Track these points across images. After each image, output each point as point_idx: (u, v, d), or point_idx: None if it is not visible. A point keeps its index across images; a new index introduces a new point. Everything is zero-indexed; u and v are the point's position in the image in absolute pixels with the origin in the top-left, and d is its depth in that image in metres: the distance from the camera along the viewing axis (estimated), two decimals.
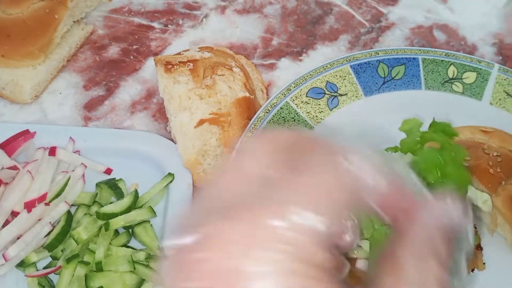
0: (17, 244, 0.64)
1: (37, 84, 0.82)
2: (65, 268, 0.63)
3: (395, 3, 0.97)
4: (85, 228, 0.65)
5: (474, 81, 0.80)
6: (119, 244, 0.67)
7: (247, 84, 0.75)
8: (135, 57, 0.89)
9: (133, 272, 0.64)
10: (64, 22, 0.83)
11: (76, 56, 0.89)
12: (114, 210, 0.67)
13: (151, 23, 0.94)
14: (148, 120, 0.82)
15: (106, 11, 0.95)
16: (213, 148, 0.71)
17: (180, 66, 0.74)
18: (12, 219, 0.66)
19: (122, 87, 0.86)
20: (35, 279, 0.64)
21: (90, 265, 0.64)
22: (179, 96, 0.72)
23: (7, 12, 0.80)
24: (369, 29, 0.94)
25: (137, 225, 0.68)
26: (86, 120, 0.82)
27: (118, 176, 0.73)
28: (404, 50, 0.82)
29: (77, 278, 0.63)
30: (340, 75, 0.79)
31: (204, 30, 0.93)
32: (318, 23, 0.94)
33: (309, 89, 0.78)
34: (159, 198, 0.71)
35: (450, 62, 0.81)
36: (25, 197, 0.67)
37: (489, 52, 0.91)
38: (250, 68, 0.83)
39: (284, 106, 0.75)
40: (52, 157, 0.71)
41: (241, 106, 0.72)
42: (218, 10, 0.95)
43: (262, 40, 0.92)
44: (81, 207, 0.70)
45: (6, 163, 0.70)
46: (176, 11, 0.95)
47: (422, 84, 0.80)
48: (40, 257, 0.65)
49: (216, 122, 0.71)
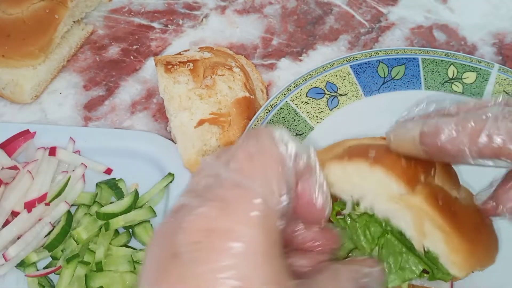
0: (17, 244, 0.64)
1: (37, 84, 0.82)
2: (65, 268, 0.63)
3: (395, 3, 0.97)
4: (85, 228, 0.65)
5: (474, 81, 0.80)
6: (119, 244, 0.67)
7: (247, 84, 0.75)
8: (135, 57, 0.89)
9: (133, 272, 0.64)
10: (64, 22, 0.83)
11: (76, 56, 0.89)
12: (114, 210, 0.67)
13: (151, 23, 0.94)
14: (148, 120, 0.82)
15: (106, 11, 0.95)
16: (213, 148, 0.71)
17: (180, 66, 0.74)
18: (12, 219, 0.66)
19: (122, 87, 0.86)
20: (35, 279, 0.64)
21: (90, 265, 0.64)
22: (179, 96, 0.72)
23: (7, 12, 0.80)
24: (369, 29, 0.94)
25: (137, 225, 0.68)
26: (86, 120, 0.82)
27: (118, 176, 0.73)
28: (404, 50, 0.82)
29: (77, 278, 0.63)
30: (340, 75, 0.79)
31: (204, 30, 0.93)
32: (318, 23, 0.94)
33: (309, 89, 0.78)
34: (159, 198, 0.71)
35: (450, 62, 0.81)
36: (25, 197, 0.67)
37: (489, 52, 0.91)
38: (250, 68, 0.83)
39: (284, 106, 0.76)
40: (52, 157, 0.71)
41: (241, 106, 0.72)
42: (218, 10, 0.95)
43: (262, 40, 0.92)
44: (81, 207, 0.70)
45: (6, 163, 0.70)
46: (176, 11, 0.95)
47: (422, 84, 0.80)
48: (40, 257, 0.65)
49: (216, 122, 0.71)
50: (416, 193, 0.45)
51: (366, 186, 0.48)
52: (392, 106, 0.78)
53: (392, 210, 0.47)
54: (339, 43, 0.92)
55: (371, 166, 0.46)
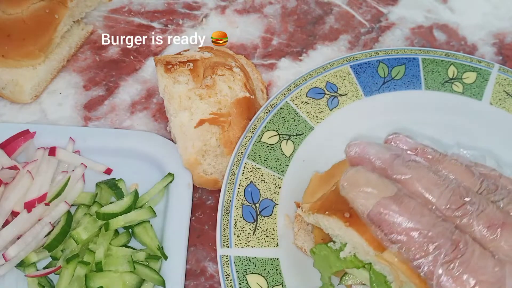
0: (17, 244, 0.64)
1: (37, 84, 0.82)
2: (65, 268, 0.63)
3: (395, 3, 0.97)
4: (85, 228, 0.65)
5: (474, 81, 0.80)
6: (119, 244, 0.67)
7: (247, 84, 0.75)
8: (135, 57, 0.89)
9: (133, 272, 0.64)
10: (64, 22, 0.83)
11: (76, 56, 0.89)
12: (114, 210, 0.67)
13: (151, 23, 0.94)
14: (148, 120, 0.82)
15: (106, 11, 0.95)
16: (213, 148, 0.71)
17: (180, 66, 0.74)
18: (12, 219, 0.66)
19: (122, 87, 0.86)
20: (35, 279, 0.64)
21: (90, 265, 0.64)
22: (179, 96, 0.72)
23: (7, 12, 0.80)
24: (369, 29, 0.94)
25: (137, 225, 0.68)
26: (86, 120, 0.82)
27: (118, 176, 0.73)
28: (404, 50, 0.82)
29: (77, 278, 0.63)
30: (340, 75, 0.79)
31: (204, 30, 0.93)
32: (318, 23, 0.94)
33: (309, 89, 0.78)
34: (159, 198, 0.71)
35: (450, 62, 0.81)
36: (25, 197, 0.67)
37: (489, 52, 0.91)
38: (250, 68, 0.83)
39: (284, 106, 0.75)
40: (52, 157, 0.71)
41: (241, 106, 0.72)
42: (218, 10, 0.95)
43: (262, 40, 0.92)
44: (81, 207, 0.70)
45: (6, 163, 0.70)
46: (176, 11, 0.95)
47: (422, 84, 0.80)
48: (40, 257, 0.65)
49: (216, 122, 0.71)
50: (386, 252, 0.49)
51: (346, 238, 0.54)
52: (392, 106, 0.79)
53: (371, 259, 0.53)
54: (339, 43, 0.92)
55: (347, 226, 0.52)
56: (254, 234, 0.65)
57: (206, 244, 0.70)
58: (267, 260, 0.64)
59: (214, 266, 0.69)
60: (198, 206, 0.73)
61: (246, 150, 0.71)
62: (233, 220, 0.65)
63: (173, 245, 0.66)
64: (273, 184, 0.69)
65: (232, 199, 0.67)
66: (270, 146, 0.72)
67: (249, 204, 0.67)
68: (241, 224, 0.65)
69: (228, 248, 0.63)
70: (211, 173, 0.71)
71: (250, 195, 0.68)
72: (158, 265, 0.65)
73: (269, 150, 0.72)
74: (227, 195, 0.67)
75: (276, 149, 0.72)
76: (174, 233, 0.67)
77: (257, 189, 0.68)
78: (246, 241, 0.64)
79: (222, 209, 0.66)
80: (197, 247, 0.70)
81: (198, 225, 0.72)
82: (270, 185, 0.69)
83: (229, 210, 0.66)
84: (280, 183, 0.70)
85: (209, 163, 0.71)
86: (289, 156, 0.72)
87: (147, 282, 0.64)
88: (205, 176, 0.71)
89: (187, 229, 0.68)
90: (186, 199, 0.70)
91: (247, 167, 0.69)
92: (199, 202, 0.74)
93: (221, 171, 0.72)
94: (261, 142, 0.72)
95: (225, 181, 0.68)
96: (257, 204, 0.67)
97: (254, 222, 0.66)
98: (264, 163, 0.70)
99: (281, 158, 0.72)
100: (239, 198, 0.67)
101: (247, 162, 0.70)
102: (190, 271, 0.68)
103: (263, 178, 0.69)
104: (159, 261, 0.65)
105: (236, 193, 0.67)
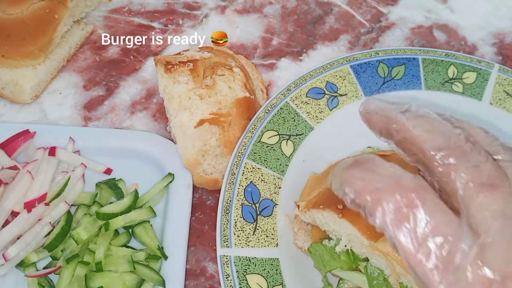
0: (17, 244, 0.64)
1: (37, 84, 0.82)
2: (65, 268, 0.63)
3: (395, 3, 0.97)
4: (85, 228, 0.65)
5: (474, 81, 0.80)
6: (119, 244, 0.67)
7: (247, 84, 0.75)
8: (135, 57, 0.89)
9: (133, 272, 0.64)
10: (64, 22, 0.83)
11: (76, 56, 0.89)
12: (114, 210, 0.67)
13: (151, 23, 0.94)
14: (148, 120, 0.82)
15: (106, 11, 0.95)
16: (213, 148, 0.71)
17: (180, 66, 0.74)
18: (12, 219, 0.66)
19: (122, 87, 0.86)
20: (35, 279, 0.64)
21: (90, 265, 0.64)
22: (179, 96, 0.72)
23: (7, 12, 0.80)
24: (369, 29, 0.94)
25: (137, 225, 0.68)
26: (86, 120, 0.82)
27: (118, 176, 0.73)
28: (404, 50, 0.82)
29: (77, 278, 0.63)
30: (340, 75, 0.79)
31: (204, 30, 0.93)
32: (318, 23, 0.94)
33: (309, 89, 0.78)
34: (159, 198, 0.71)
35: (450, 62, 0.81)
36: (25, 197, 0.67)
37: (489, 52, 0.91)
38: (250, 68, 0.83)
39: (284, 106, 0.75)
40: (52, 157, 0.71)
41: (241, 106, 0.72)
42: (218, 10, 0.95)
43: (262, 40, 0.92)
44: (81, 207, 0.70)
45: (6, 163, 0.70)
46: (176, 11, 0.95)
47: (422, 84, 0.80)
48: (40, 257, 0.65)
49: (216, 122, 0.71)
50: (380, 241, 0.50)
51: (341, 231, 0.55)
52: None
53: (367, 253, 0.53)
54: (339, 43, 0.92)
55: (340, 218, 0.53)
56: (254, 234, 0.65)
57: (206, 244, 0.70)
58: (267, 260, 0.64)
59: (214, 266, 0.69)
60: (198, 206, 0.73)
61: (246, 150, 0.71)
62: (233, 220, 0.65)
63: (173, 245, 0.66)
64: (273, 184, 0.70)
65: (232, 199, 0.67)
66: (270, 146, 0.72)
67: (249, 204, 0.67)
68: (241, 224, 0.65)
69: (228, 248, 0.63)
70: (211, 173, 0.71)
71: (250, 195, 0.68)
72: (158, 265, 0.65)
73: (269, 150, 0.72)
74: (227, 195, 0.67)
75: (276, 149, 0.72)
76: (174, 233, 0.67)
77: (257, 189, 0.68)
78: (246, 241, 0.64)
79: (222, 209, 0.66)
80: (197, 247, 0.70)
81: (198, 225, 0.72)
82: (270, 185, 0.69)
83: (229, 210, 0.66)
84: (280, 183, 0.70)
85: (209, 163, 0.71)
86: (289, 156, 0.72)
87: (147, 282, 0.64)
88: (205, 176, 0.71)
89: (187, 229, 0.68)
90: (186, 199, 0.70)
91: (247, 167, 0.69)
92: (199, 202, 0.74)
93: (221, 171, 0.72)
94: (261, 142, 0.72)
95: (225, 181, 0.68)
96: (257, 204, 0.67)
97: (254, 222, 0.66)
98: (264, 163, 0.70)
99: (281, 158, 0.72)
100: (239, 198, 0.67)
101: (247, 162, 0.70)
102: (190, 271, 0.68)
103: (263, 178, 0.69)
104: (159, 261, 0.65)
105: (236, 193, 0.67)
